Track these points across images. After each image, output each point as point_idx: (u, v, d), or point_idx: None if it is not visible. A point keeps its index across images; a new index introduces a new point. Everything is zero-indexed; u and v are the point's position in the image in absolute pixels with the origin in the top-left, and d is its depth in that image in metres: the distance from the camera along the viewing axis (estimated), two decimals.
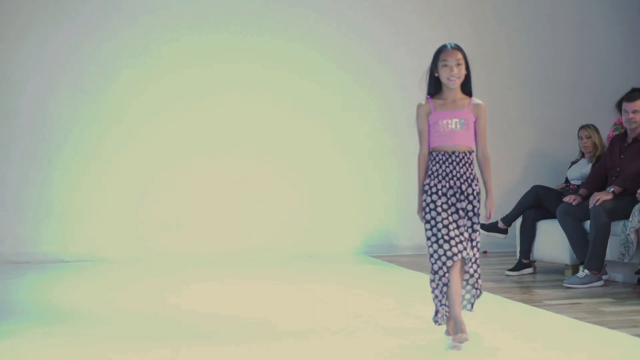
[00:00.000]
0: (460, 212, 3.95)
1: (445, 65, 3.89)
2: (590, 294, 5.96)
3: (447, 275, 3.90)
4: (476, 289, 4.11)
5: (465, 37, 8.66)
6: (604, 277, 6.43)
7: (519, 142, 8.88)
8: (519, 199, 7.32)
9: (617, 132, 7.40)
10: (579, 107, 8.80)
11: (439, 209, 3.92)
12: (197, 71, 8.31)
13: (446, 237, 3.88)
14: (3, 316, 5.09)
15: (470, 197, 3.97)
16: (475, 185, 4.00)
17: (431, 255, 3.94)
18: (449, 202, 3.93)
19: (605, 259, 6.42)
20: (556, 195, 7.13)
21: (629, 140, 6.75)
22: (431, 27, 8.61)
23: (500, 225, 7.26)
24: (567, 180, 7.62)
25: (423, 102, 4.02)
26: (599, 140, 7.42)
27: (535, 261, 7.21)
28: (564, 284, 6.37)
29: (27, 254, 7.85)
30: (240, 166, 8.33)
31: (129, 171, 8.14)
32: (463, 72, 3.94)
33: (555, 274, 7.00)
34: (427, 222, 3.94)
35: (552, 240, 6.95)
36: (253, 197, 8.33)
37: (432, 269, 3.95)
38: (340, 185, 8.52)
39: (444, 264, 3.88)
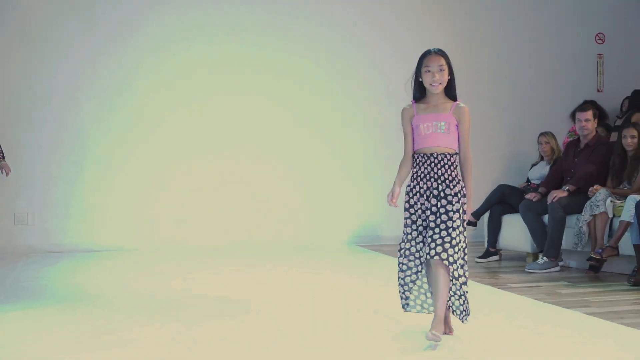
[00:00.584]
0: (439, 211, 3.55)
1: (428, 71, 3.59)
2: (549, 278, 5.98)
3: (407, 271, 3.67)
4: (460, 297, 3.69)
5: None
6: (560, 263, 6.44)
7: (487, 147, 8.85)
8: (487, 196, 7.33)
9: (571, 138, 7.40)
10: (538, 117, 8.79)
11: (420, 211, 3.60)
12: (204, 79, 8.23)
13: (420, 238, 3.60)
14: (36, 297, 5.12)
15: (449, 197, 3.56)
16: (455, 186, 3.59)
17: (399, 250, 3.71)
18: (427, 202, 3.59)
19: (561, 247, 6.44)
20: (519, 193, 7.14)
21: (582, 145, 6.77)
22: (418, 36, 8.50)
23: (471, 218, 7.24)
24: (528, 180, 7.61)
25: (407, 107, 3.72)
26: (555, 145, 7.42)
27: (500, 250, 7.20)
28: (526, 270, 6.37)
29: (57, 245, 7.82)
30: (241, 166, 8.26)
31: (143, 171, 8.07)
32: (446, 77, 3.63)
33: (518, 261, 7.00)
34: (405, 219, 3.64)
35: (515, 232, 6.96)
36: (254, 194, 8.27)
37: (400, 262, 3.71)
38: (332, 184, 8.48)
39: (415, 265, 3.64)
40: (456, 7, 8.89)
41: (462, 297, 3.67)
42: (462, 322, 3.73)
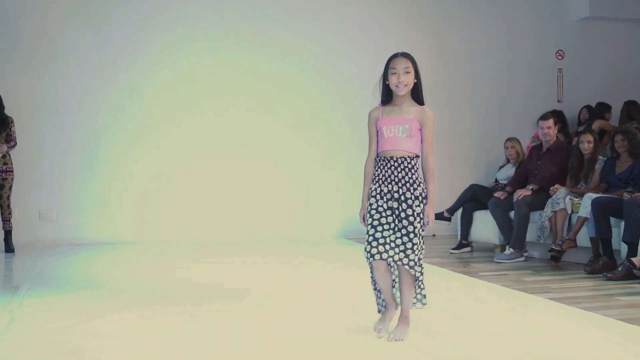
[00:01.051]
0: (400, 216, 3.20)
1: (394, 73, 3.22)
2: (515, 267, 5.99)
3: (373, 272, 3.35)
4: (417, 293, 3.38)
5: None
6: (525, 254, 6.45)
7: (461, 150, 8.88)
8: (460, 194, 7.34)
9: (534, 143, 7.42)
10: (505, 124, 8.80)
11: (374, 211, 3.24)
12: (207, 85, 8.19)
13: (375, 236, 3.21)
14: (58, 284, 5.09)
15: (409, 202, 3.19)
16: (415, 189, 3.21)
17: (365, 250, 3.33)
18: (387, 204, 3.22)
19: (526, 240, 6.45)
20: (488, 191, 7.14)
21: (544, 149, 6.79)
22: (399, 47, 8.46)
23: (446, 214, 7.26)
24: (496, 180, 7.62)
25: (374, 109, 3.36)
26: (520, 149, 7.43)
27: (472, 242, 7.21)
28: (494, 260, 6.38)
29: (76, 238, 7.79)
30: (240, 166, 8.21)
31: (150, 172, 8.05)
32: (411, 79, 3.24)
33: (488, 252, 7.01)
34: (369, 224, 3.28)
35: (485, 226, 6.97)
36: (251, 192, 8.23)
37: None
38: (323, 183, 8.46)
39: (370, 263, 3.30)
40: (435, 26, 8.87)
41: (418, 288, 3.37)
42: (423, 306, 3.43)
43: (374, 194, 3.26)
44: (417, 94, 3.30)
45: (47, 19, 7.82)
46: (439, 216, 7.26)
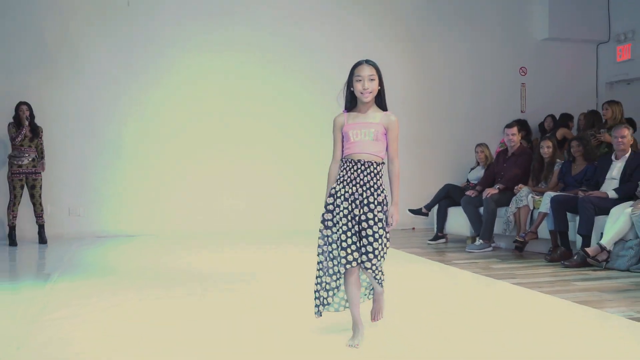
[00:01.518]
0: (361, 220, 2.87)
1: (359, 80, 2.93)
2: (484, 256, 6.00)
3: (333, 276, 2.94)
4: (378, 282, 3.01)
5: (401, 79, 8.65)
6: (492, 244, 6.46)
7: (436, 154, 8.87)
8: (436, 192, 7.35)
9: (501, 148, 7.44)
10: (475, 131, 8.79)
11: (340, 215, 2.89)
12: (213, 91, 8.12)
13: (343, 244, 2.87)
14: (85, 271, 5.10)
15: (372, 206, 2.86)
16: (379, 195, 2.89)
17: (321, 253, 2.98)
18: (350, 207, 2.88)
19: (493, 232, 6.46)
20: (461, 190, 7.15)
21: (509, 154, 6.80)
22: (384, 58, 8.43)
23: (424, 210, 7.27)
24: (468, 180, 7.63)
25: (339, 115, 3.05)
26: (489, 153, 7.45)
27: (447, 234, 7.22)
28: (466, 250, 6.40)
29: (100, 231, 7.77)
30: (243, 166, 8.17)
31: (163, 174, 8.01)
32: (376, 86, 2.94)
33: (460, 243, 7.02)
34: (324, 222, 2.96)
35: (458, 220, 6.97)
36: (252, 189, 8.17)
37: (320, 267, 2.98)
38: (321, 179, 8.40)
39: (338, 269, 2.91)
40: (418, 45, 8.81)
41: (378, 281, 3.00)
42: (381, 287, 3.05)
43: (338, 194, 2.92)
44: (380, 100, 3.01)
45: (72, 39, 7.76)
46: (417, 212, 7.28)
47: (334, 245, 2.92)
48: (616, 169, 5.69)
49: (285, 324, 3.30)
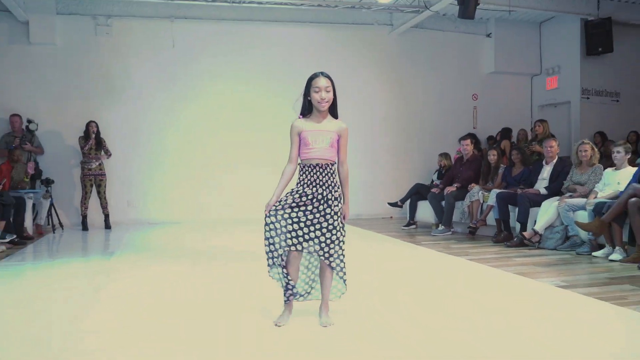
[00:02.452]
0: (320, 214, 2.58)
1: (317, 91, 2.60)
2: (445, 239, 5.98)
3: (283, 261, 2.59)
4: (342, 279, 2.70)
5: (382, 102, 8.63)
6: (452, 230, 6.45)
7: (409, 160, 8.83)
8: (408, 189, 7.34)
9: (458, 156, 7.43)
10: (438, 143, 8.74)
11: (296, 208, 2.59)
12: (235, 107, 8.02)
13: (298, 233, 2.57)
14: (138, 248, 5.10)
15: (330, 202, 2.59)
16: (335, 191, 2.63)
17: (270, 244, 2.61)
18: (311, 205, 2.59)
19: (452, 220, 6.45)
20: (427, 188, 7.14)
21: (464, 160, 6.78)
22: (368, 85, 8.29)
23: (399, 203, 7.25)
24: (432, 180, 7.64)
25: (296, 121, 2.68)
26: (449, 160, 7.45)
27: (417, 221, 7.19)
28: (432, 234, 6.38)
29: (151, 219, 7.73)
30: (250, 167, 8.00)
31: (197, 174, 7.96)
32: (331, 97, 2.63)
33: (427, 228, 6.99)
34: (272, 215, 2.60)
35: (425, 211, 6.96)
36: (267, 184, 8.17)
37: (271, 256, 2.62)
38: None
39: (281, 246, 2.59)
40: (396, 73, 8.76)
41: (339, 274, 2.69)
42: (339, 297, 2.77)
43: (299, 193, 2.61)
44: (333, 109, 2.69)
45: (129, 72, 7.76)
46: (394, 204, 7.26)
47: (282, 223, 2.59)
48: (546, 171, 5.69)
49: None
